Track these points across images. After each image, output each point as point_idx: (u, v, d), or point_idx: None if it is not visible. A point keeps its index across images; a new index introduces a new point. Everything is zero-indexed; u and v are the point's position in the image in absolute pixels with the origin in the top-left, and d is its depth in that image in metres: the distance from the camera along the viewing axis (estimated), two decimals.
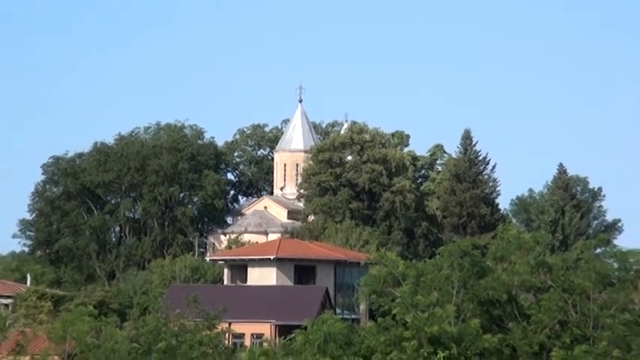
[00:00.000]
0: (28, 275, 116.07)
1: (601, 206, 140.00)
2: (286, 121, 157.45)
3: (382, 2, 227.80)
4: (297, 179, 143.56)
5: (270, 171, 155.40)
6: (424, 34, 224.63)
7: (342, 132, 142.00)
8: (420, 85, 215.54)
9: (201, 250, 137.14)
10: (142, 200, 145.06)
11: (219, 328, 58.61)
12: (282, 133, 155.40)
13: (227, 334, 65.60)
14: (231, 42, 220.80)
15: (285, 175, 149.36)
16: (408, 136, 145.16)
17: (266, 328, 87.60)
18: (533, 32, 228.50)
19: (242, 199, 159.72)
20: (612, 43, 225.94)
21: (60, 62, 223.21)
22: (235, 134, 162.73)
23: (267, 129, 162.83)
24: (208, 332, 54.49)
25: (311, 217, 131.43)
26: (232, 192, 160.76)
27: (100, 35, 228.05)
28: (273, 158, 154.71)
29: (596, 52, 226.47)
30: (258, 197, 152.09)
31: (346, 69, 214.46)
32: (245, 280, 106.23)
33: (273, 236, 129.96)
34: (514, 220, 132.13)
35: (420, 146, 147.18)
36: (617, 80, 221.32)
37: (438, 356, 46.99)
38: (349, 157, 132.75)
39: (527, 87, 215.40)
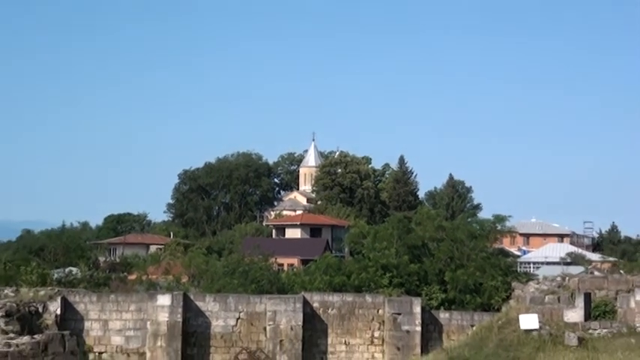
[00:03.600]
0: (171, 233, 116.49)
1: (472, 196, 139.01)
2: (306, 151, 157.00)
3: (357, 81, 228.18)
4: (312, 182, 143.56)
5: (297, 177, 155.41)
6: (378, 101, 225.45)
7: (336, 156, 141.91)
8: (378, 130, 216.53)
9: (261, 219, 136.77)
10: (229, 193, 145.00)
11: (270, 261, 58.94)
12: (304, 157, 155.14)
13: (274, 264, 66.00)
14: (280, 109, 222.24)
15: (305, 179, 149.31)
16: (371, 159, 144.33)
17: (295, 261, 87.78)
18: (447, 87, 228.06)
19: (282, 193, 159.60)
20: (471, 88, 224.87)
21: (193, 119, 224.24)
22: (279, 158, 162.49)
23: (296, 155, 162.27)
24: (265, 263, 54.78)
25: (319, 202, 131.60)
26: (277, 189, 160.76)
27: (209, 99, 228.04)
28: (299, 171, 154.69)
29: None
30: (291, 191, 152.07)
31: (337, 123, 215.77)
32: (284, 235, 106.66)
33: (299, 212, 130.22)
34: (426, 204, 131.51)
35: (377, 164, 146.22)
36: (479, 116, 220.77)
37: (386, 275, 47.29)
38: (339, 170, 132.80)
39: (433, 129, 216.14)
